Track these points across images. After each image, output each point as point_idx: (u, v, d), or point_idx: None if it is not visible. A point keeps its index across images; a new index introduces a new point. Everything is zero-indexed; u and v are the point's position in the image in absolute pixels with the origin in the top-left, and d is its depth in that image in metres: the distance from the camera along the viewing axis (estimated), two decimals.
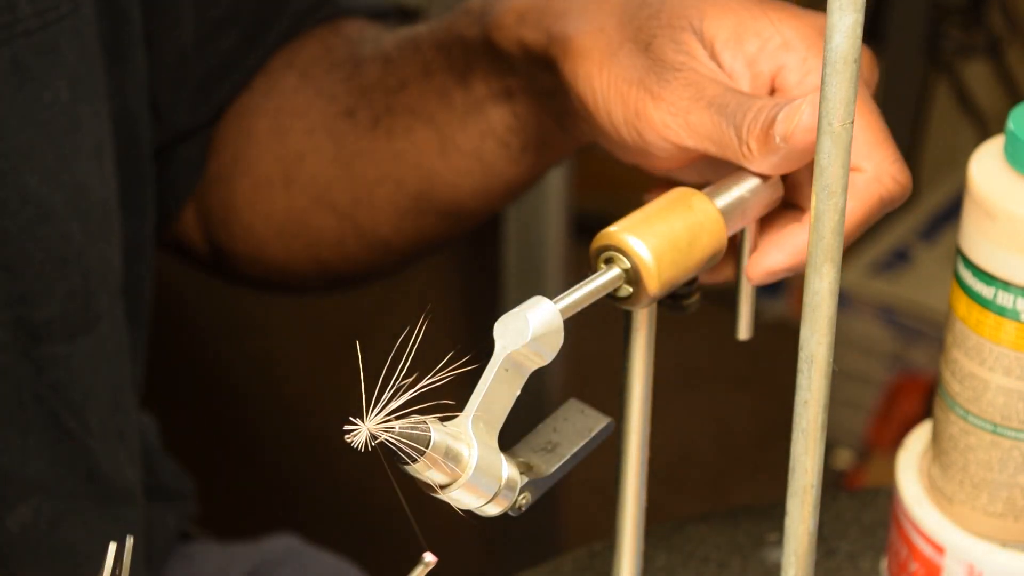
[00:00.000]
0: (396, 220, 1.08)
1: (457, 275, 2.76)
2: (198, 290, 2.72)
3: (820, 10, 0.72)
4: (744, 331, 0.87)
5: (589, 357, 2.23)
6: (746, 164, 0.81)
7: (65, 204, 0.95)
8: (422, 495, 0.72)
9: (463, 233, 1.10)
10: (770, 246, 0.83)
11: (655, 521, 0.97)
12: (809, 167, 0.81)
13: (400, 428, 0.67)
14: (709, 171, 0.86)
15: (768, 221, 0.84)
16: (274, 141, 1.09)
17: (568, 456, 0.75)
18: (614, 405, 0.81)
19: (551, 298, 0.72)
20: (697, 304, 0.82)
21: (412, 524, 0.73)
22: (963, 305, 0.88)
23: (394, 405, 0.67)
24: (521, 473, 0.73)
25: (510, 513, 0.73)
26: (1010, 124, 0.86)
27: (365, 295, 2.75)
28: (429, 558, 0.70)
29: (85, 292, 0.97)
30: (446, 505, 0.72)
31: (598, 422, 0.77)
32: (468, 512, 0.73)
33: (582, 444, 0.76)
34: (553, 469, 0.74)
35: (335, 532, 2.29)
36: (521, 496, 0.73)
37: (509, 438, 0.72)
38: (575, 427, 0.76)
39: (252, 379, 2.57)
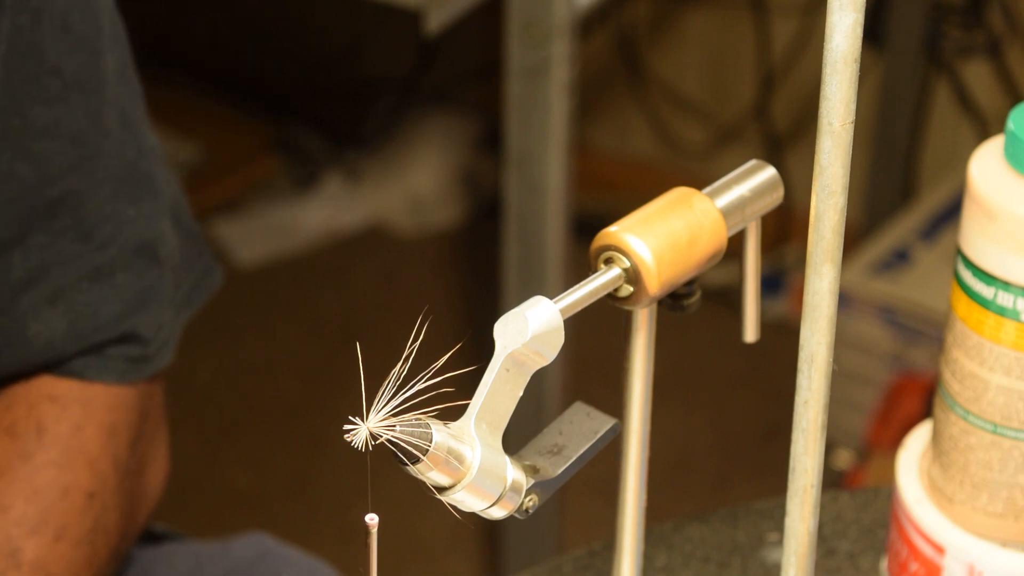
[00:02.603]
0: None
1: (457, 275, 2.77)
2: None
3: (820, 10, 0.73)
4: (751, 333, 0.87)
5: (589, 357, 2.23)
6: None
7: None
8: (424, 497, 0.72)
9: None
10: None
11: (655, 521, 0.97)
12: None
13: (401, 428, 0.67)
14: None
15: None
16: None
17: (575, 458, 0.75)
18: (614, 405, 0.81)
19: (551, 298, 0.72)
20: (697, 304, 0.82)
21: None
22: (963, 305, 0.88)
23: (394, 404, 0.67)
24: (528, 476, 0.73)
25: (517, 516, 0.73)
26: (1010, 124, 0.86)
27: (365, 295, 2.75)
28: (370, 519, 0.69)
29: None
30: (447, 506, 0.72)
31: (603, 424, 0.77)
32: (472, 513, 0.73)
33: (588, 446, 0.76)
34: (560, 471, 0.74)
35: (310, 532, 2.29)
36: (528, 498, 0.73)
37: (511, 440, 0.72)
38: (581, 429, 0.76)
39: (237, 378, 2.57)
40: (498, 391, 0.70)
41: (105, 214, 1.00)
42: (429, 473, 0.69)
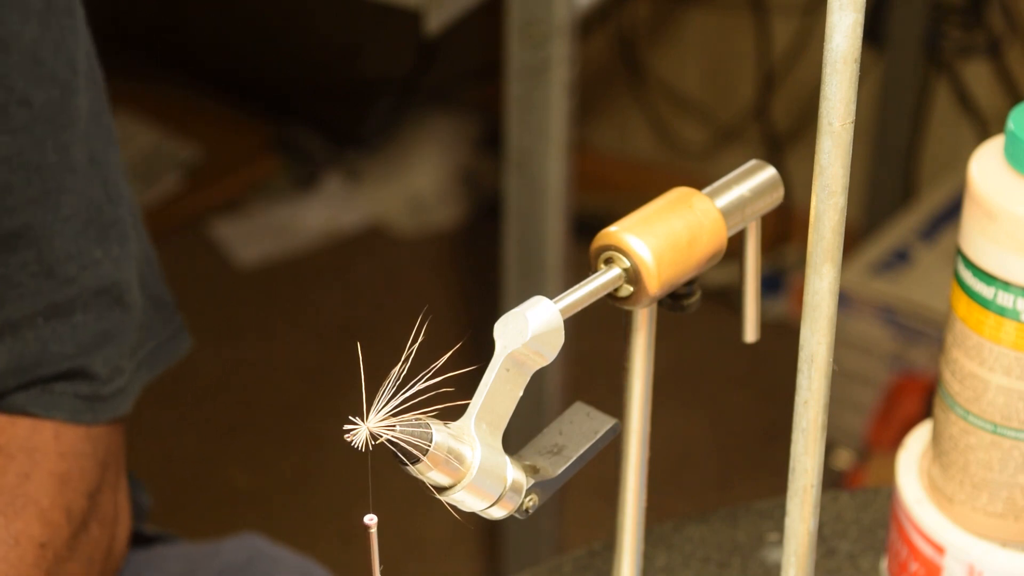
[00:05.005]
0: None
1: (457, 275, 2.77)
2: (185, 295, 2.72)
3: (820, 10, 0.73)
4: (751, 333, 0.87)
5: (589, 357, 2.23)
6: None
7: None
8: (424, 497, 0.72)
9: None
10: None
11: (655, 521, 0.97)
12: None
13: (401, 428, 0.67)
14: None
15: None
16: None
17: (575, 458, 0.75)
18: (614, 405, 0.81)
19: (551, 298, 0.72)
20: (697, 304, 0.82)
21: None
22: (963, 305, 0.88)
23: (394, 404, 0.67)
24: (528, 476, 0.73)
25: (517, 516, 0.73)
26: (1010, 124, 0.86)
27: (365, 295, 2.75)
28: (369, 520, 0.69)
29: None
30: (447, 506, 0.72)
31: (603, 424, 0.77)
32: (472, 513, 0.73)
33: (588, 446, 0.76)
34: (560, 471, 0.74)
35: (309, 532, 2.29)
36: (528, 498, 0.73)
37: (511, 440, 0.72)
38: (581, 429, 0.76)
39: (237, 378, 2.57)
40: (498, 391, 0.70)
41: (70, 252, 0.97)
42: (429, 473, 0.69)
